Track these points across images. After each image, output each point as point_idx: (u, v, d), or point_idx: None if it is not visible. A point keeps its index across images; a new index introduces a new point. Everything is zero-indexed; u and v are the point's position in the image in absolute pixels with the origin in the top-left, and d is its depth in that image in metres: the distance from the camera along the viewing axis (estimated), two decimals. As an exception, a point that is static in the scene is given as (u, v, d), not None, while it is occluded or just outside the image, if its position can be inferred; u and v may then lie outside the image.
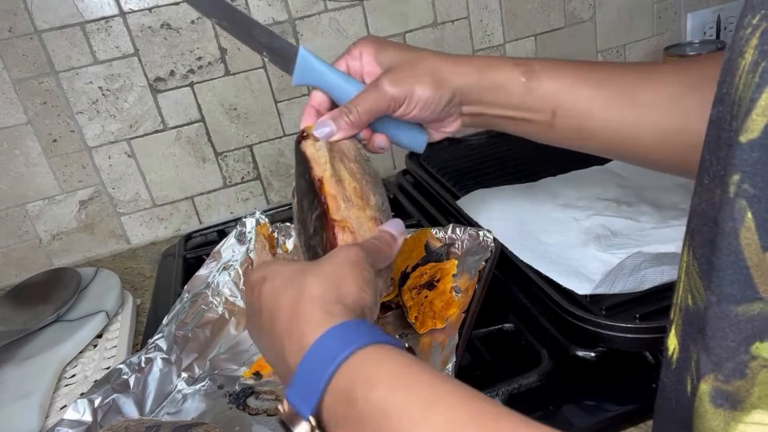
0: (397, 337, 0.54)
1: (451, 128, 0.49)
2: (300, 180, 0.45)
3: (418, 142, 0.51)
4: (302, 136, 0.46)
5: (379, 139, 0.48)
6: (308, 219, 0.44)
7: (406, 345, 0.31)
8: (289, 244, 0.70)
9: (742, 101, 0.21)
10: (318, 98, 0.49)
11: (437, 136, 0.51)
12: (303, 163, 0.45)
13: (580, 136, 0.46)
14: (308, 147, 0.45)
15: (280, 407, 0.30)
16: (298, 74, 0.48)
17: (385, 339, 0.30)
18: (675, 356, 0.28)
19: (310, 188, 0.43)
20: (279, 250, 0.68)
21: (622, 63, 0.47)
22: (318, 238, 0.43)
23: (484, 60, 0.48)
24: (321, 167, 0.44)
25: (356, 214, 0.42)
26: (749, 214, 0.19)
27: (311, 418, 0.28)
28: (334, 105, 0.48)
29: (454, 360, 0.46)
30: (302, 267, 0.36)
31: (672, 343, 0.28)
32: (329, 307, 0.32)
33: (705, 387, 0.21)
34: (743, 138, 0.20)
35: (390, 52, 0.47)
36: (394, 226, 0.42)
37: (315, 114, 0.48)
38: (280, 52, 0.49)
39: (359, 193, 0.43)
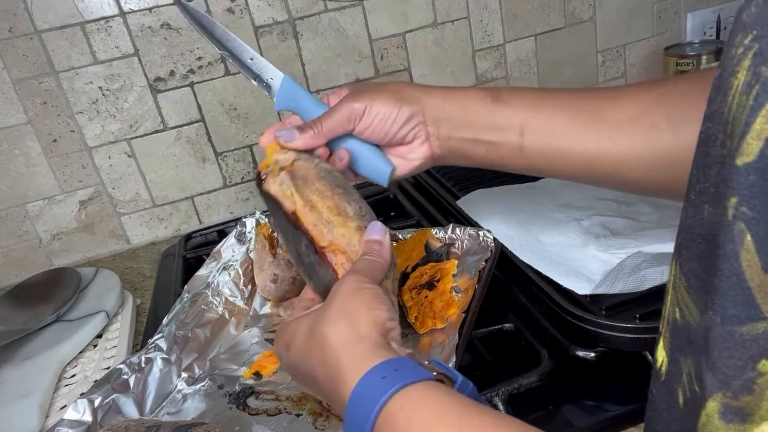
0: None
1: (419, 154, 0.48)
2: (276, 218, 0.46)
3: (382, 171, 0.48)
4: (260, 178, 0.46)
5: (340, 152, 0.48)
6: (299, 250, 0.43)
7: (435, 372, 0.32)
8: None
9: (736, 122, 0.21)
10: (292, 119, 0.50)
11: (405, 168, 0.49)
12: (271, 202, 0.44)
13: (551, 160, 0.46)
14: (271, 185, 0.45)
15: None
16: (280, 100, 0.50)
17: (415, 377, 0.31)
18: (664, 368, 0.28)
19: (288, 223, 0.43)
20: (279, 250, 0.68)
21: (590, 88, 0.48)
22: (316, 266, 0.42)
23: (452, 88, 0.49)
24: (290, 201, 0.43)
25: (341, 232, 0.42)
26: (748, 237, 0.20)
27: None
28: None
29: (454, 360, 0.46)
30: (314, 318, 0.37)
31: (660, 355, 0.29)
32: (352, 350, 0.34)
33: (714, 405, 0.21)
34: (739, 161, 0.20)
35: (363, 85, 0.49)
36: (375, 232, 0.42)
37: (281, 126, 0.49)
38: (266, 78, 0.51)
39: (335, 210, 0.43)
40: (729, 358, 0.20)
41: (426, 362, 0.33)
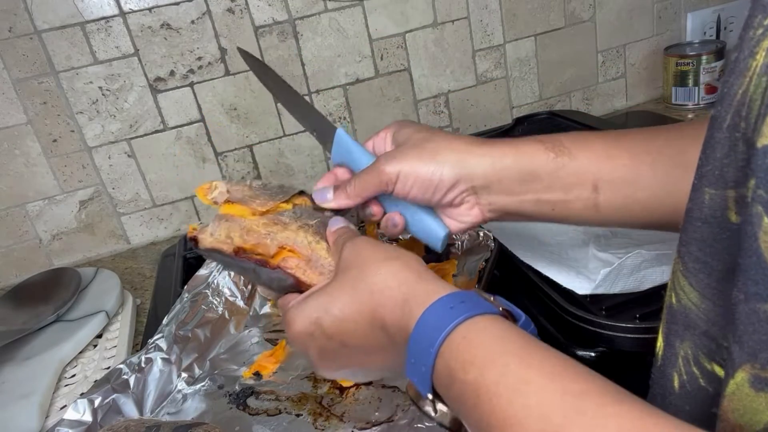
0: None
1: (469, 218, 0.43)
2: (229, 268, 0.46)
3: (436, 236, 0.44)
4: (193, 239, 0.45)
5: (395, 217, 0.45)
6: (262, 278, 0.43)
7: (501, 308, 0.32)
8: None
9: (754, 103, 0.21)
10: (340, 170, 0.48)
11: (456, 228, 0.44)
12: (215, 254, 0.44)
13: (631, 213, 0.40)
14: (206, 241, 0.44)
15: (408, 388, 0.33)
16: (335, 153, 0.48)
17: (481, 309, 0.30)
18: (660, 353, 0.29)
19: (238, 262, 0.42)
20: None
21: (663, 126, 0.41)
22: (284, 280, 0.42)
23: (503, 141, 0.42)
24: (227, 243, 0.43)
25: (284, 235, 0.42)
26: (766, 219, 0.20)
27: (429, 396, 0.30)
28: None
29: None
30: (350, 279, 0.35)
31: (659, 341, 0.29)
32: (415, 286, 0.32)
33: (743, 375, 0.22)
34: (759, 143, 0.20)
35: (406, 131, 0.44)
36: (338, 222, 0.42)
37: (333, 179, 0.47)
38: (325, 133, 0.49)
39: (270, 223, 0.43)
40: (754, 333, 0.21)
41: (492, 298, 0.33)
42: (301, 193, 0.47)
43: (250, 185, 0.46)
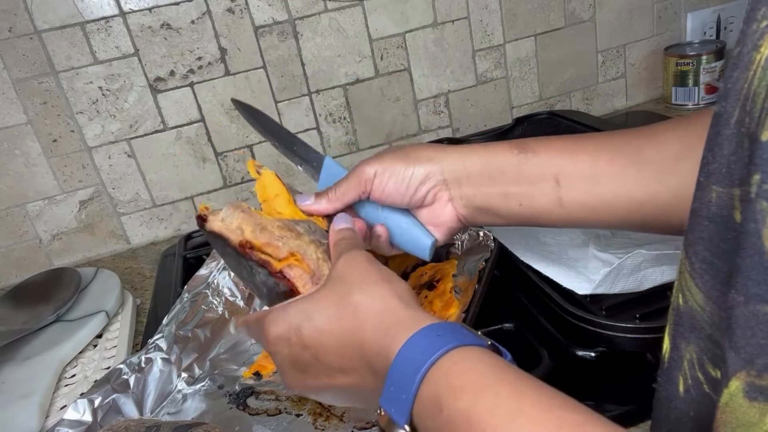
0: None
1: (445, 217, 0.45)
2: (226, 258, 0.45)
3: (423, 245, 0.46)
4: (203, 219, 0.45)
5: (377, 228, 0.47)
6: (256, 280, 0.43)
7: (489, 342, 0.31)
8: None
9: (758, 97, 0.20)
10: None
11: (440, 235, 0.46)
12: (218, 240, 0.44)
13: (594, 210, 0.42)
14: (214, 223, 0.44)
15: (377, 413, 0.30)
16: (323, 181, 0.49)
17: (469, 340, 0.30)
18: (667, 355, 0.28)
19: (238, 256, 0.42)
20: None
21: (623, 129, 0.44)
22: (275, 289, 0.42)
23: (474, 145, 0.45)
24: (235, 233, 0.43)
25: (296, 243, 0.42)
26: None
27: (406, 426, 0.28)
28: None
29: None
30: (335, 293, 0.35)
31: (665, 342, 0.28)
32: (402, 313, 0.32)
33: (737, 383, 0.21)
34: (764, 137, 0.19)
35: (386, 149, 0.47)
36: (343, 221, 0.42)
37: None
38: (312, 163, 0.51)
39: (285, 228, 0.42)
40: (752, 336, 0.20)
41: (478, 333, 0.32)
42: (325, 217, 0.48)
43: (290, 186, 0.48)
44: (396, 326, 0.31)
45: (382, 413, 0.30)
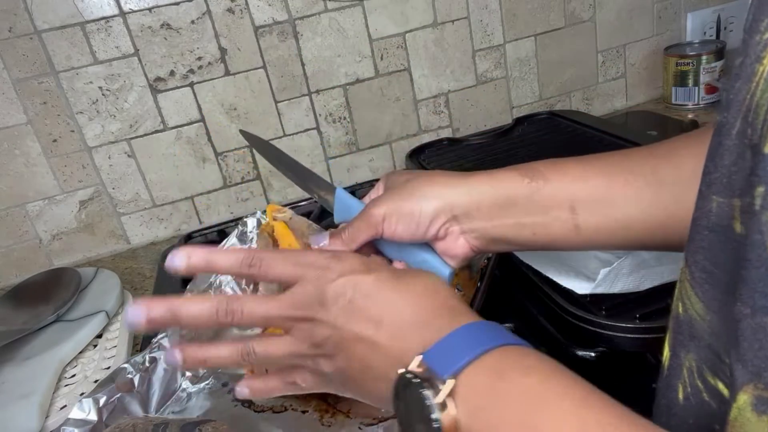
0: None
1: (458, 250, 0.44)
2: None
3: (441, 275, 0.45)
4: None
5: (396, 265, 0.47)
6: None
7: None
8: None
9: (760, 109, 0.20)
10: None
11: (455, 264, 0.46)
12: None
13: (611, 234, 0.41)
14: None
15: (401, 371, 0.29)
16: (337, 212, 0.50)
17: (532, 348, 0.30)
18: (666, 363, 0.28)
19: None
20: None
21: (636, 148, 0.42)
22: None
23: (481, 173, 0.43)
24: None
25: None
26: None
27: (448, 379, 0.27)
28: None
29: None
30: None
31: (666, 350, 0.28)
32: (465, 307, 0.33)
33: (745, 397, 0.21)
34: (767, 149, 0.19)
35: (394, 177, 0.46)
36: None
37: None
38: (324, 194, 0.51)
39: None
40: (760, 349, 0.20)
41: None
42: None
43: (309, 225, 0.50)
44: (465, 310, 0.32)
45: (416, 366, 0.28)
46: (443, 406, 0.27)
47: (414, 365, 0.28)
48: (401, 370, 0.28)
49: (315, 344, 0.35)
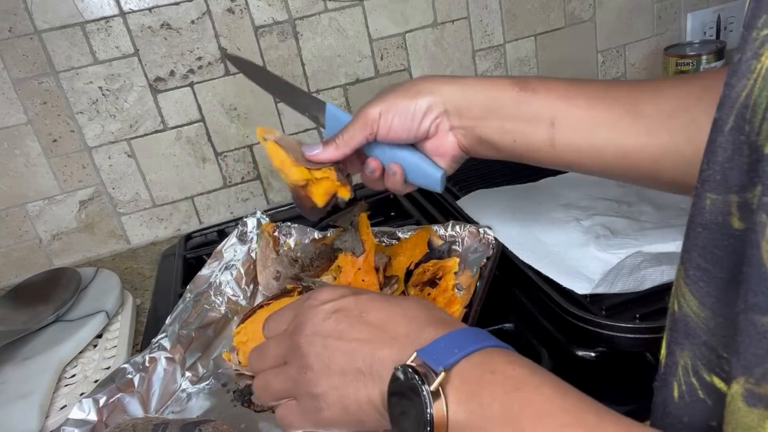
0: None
1: (448, 147, 0.47)
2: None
3: (434, 177, 0.48)
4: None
5: (392, 166, 0.49)
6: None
7: None
8: (291, 242, 0.70)
9: (758, 107, 0.20)
10: None
11: (445, 165, 0.49)
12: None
13: (584, 155, 0.44)
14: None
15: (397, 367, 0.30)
16: (328, 127, 0.52)
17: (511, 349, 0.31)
18: (663, 361, 0.28)
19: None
20: (282, 248, 0.68)
21: (625, 81, 0.45)
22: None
23: (475, 77, 0.47)
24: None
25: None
26: None
27: (442, 371, 0.28)
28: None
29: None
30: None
31: (663, 348, 0.28)
32: (453, 319, 0.34)
33: (737, 387, 0.21)
34: (767, 148, 0.19)
35: (389, 86, 0.48)
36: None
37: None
38: (315, 111, 0.53)
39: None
40: (750, 346, 0.20)
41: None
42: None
43: (299, 142, 0.52)
44: (454, 321, 0.34)
45: (411, 360, 0.29)
46: (436, 394, 0.28)
47: (410, 360, 0.30)
48: (397, 366, 0.29)
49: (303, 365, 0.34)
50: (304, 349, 0.34)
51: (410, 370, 0.29)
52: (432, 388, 0.28)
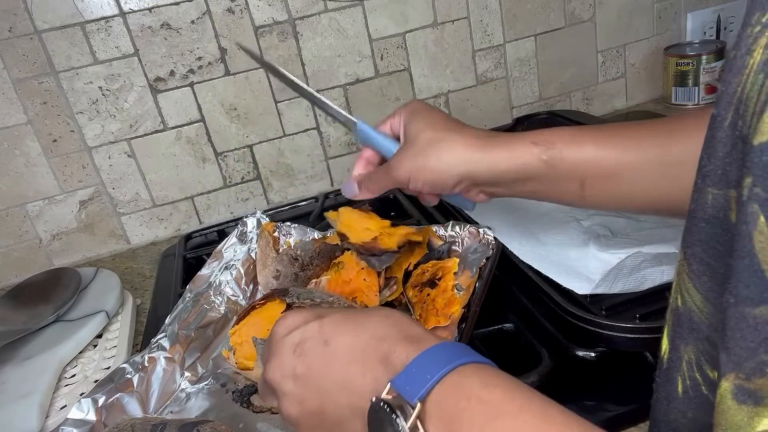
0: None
1: (477, 199, 0.50)
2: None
3: (467, 203, 0.53)
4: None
5: (428, 199, 0.52)
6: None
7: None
8: (291, 242, 0.70)
9: (750, 101, 0.20)
10: (368, 152, 0.55)
11: (477, 199, 0.51)
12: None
13: (613, 201, 0.45)
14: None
15: (373, 399, 0.30)
16: (360, 139, 0.55)
17: (495, 365, 0.31)
18: (666, 356, 0.28)
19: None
20: (282, 247, 0.68)
21: (647, 120, 0.45)
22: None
23: (499, 141, 0.46)
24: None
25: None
26: (762, 218, 0.19)
27: (418, 403, 0.28)
28: (380, 158, 0.55)
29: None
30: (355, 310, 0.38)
31: (664, 343, 0.28)
32: (424, 332, 0.34)
33: (727, 384, 0.21)
34: (755, 140, 0.20)
35: (417, 123, 0.49)
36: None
37: (364, 165, 0.55)
38: (343, 122, 0.56)
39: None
40: (741, 339, 0.20)
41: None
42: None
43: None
44: (424, 334, 0.33)
45: (386, 393, 0.30)
46: (415, 429, 0.28)
47: (384, 392, 0.30)
48: (373, 398, 0.30)
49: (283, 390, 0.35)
50: (279, 394, 0.35)
51: (386, 406, 0.29)
52: (409, 425, 0.28)
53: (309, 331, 0.35)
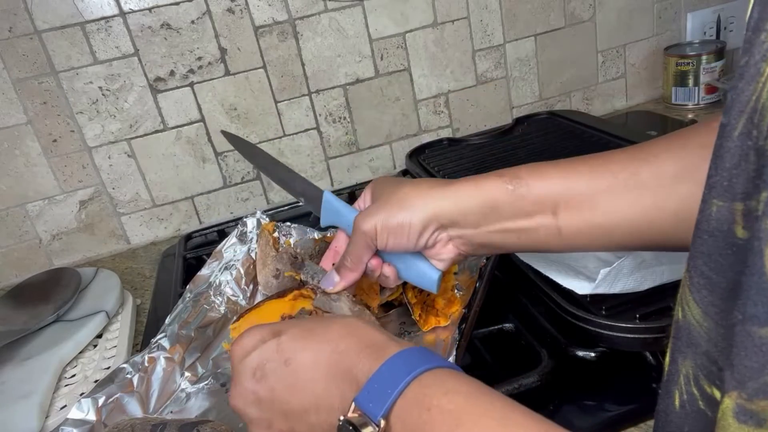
0: (400, 334, 0.54)
1: (446, 255, 0.46)
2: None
3: (430, 279, 0.48)
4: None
5: (385, 270, 0.49)
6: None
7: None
8: (291, 242, 0.70)
9: (766, 110, 0.20)
10: (340, 240, 0.52)
11: (443, 267, 0.48)
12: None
13: (593, 238, 0.42)
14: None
15: (340, 419, 0.31)
16: (324, 216, 0.52)
17: (457, 368, 0.32)
18: (666, 369, 0.28)
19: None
20: (282, 246, 0.68)
21: (614, 150, 0.43)
22: None
23: (464, 179, 0.45)
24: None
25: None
26: None
27: (381, 421, 0.29)
28: None
29: (454, 354, 0.46)
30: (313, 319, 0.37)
31: (667, 355, 0.28)
32: (385, 335, 0.34)
33: (729, 402, 0.21)
34: None
35: (380, 187, 0.48)
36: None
37: (333, 256, 0.52)
38: (312, 198, 0.53)
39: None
40: (746, 358, 0.20)
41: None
42: None
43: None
44: (385, 342, 0.33)
45: (351, 412, 0.30)
46: None
47: (350, 411, 0.30)
48: (341, 418, 0.30)
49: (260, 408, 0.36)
50: (247, 421, 0.36)
51: (351, 428, 0.29)
52: None
53: (267, 351, 0.35)
